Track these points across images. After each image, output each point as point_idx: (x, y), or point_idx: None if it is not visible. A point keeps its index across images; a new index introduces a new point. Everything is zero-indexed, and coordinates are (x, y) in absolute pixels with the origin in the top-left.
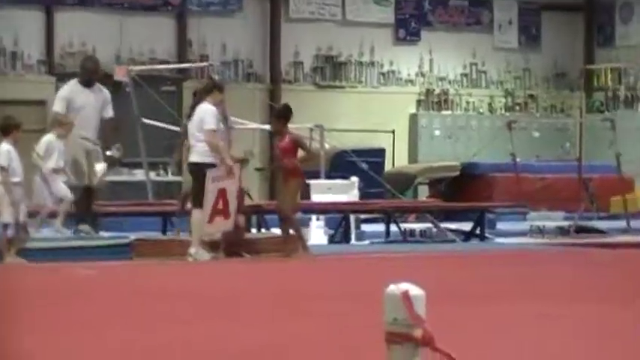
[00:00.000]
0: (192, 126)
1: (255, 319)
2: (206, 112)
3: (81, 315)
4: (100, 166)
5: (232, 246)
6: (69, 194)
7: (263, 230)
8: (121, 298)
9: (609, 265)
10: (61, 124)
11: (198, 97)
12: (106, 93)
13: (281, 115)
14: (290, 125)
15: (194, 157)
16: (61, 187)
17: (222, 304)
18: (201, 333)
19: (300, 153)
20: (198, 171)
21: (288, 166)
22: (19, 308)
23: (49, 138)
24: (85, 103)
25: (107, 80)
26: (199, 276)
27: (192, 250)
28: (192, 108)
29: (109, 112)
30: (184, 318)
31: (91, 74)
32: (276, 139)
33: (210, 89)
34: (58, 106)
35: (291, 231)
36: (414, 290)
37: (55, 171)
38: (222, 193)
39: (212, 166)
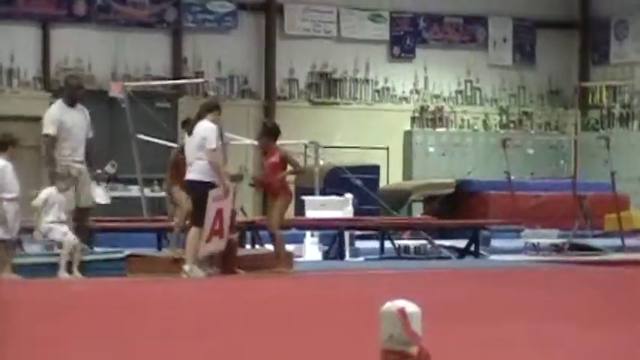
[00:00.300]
0: (192, 144)
1: (246, 336)
2: (208, 131)
3: (69, 330)
4: (100, 189)
5: (226, 262)
6: (72, 238)
7: (257, 246)
8: (112, 313)
9: (604, 283)
10: (62, 179)
11: (199, 114)
12: (87, 113)
13: (269, 132)
14: (285, 142)
15: (193, 175)
16: (62, 232)
17: (213, 321)
18: (190, 349)
19: (289, 168)
20: (198, 189)
21: (275, 184)
22: (10, 324)
23: (49, 192)
24: (73, 124)
25: (102, 96)
26: (192, 292)
27: (186, 267)
28: (192, 125)
29: (91, 132)
30: (174, 333)
31: (75, 90)
32: (264, 156)
33: (213, 107)
34: (50, 129)
35: (280, 247)
36: (410, 307)
37: (53, 222)
38: (219, 213)
39: (211, 184)
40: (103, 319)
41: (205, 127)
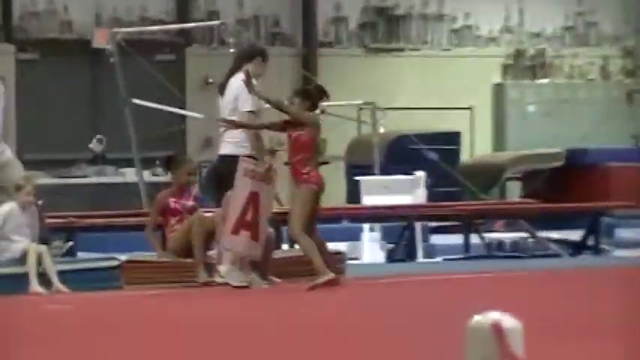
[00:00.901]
0: (223, 107)
1: None
2: (243, 89)
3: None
4: None
5: (258, 268)
6: (34, 245)
7: (297, 246)
8: (104, 344)
9: None
10: (19, 189)
11: (234, 66)
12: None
13: (306, 95)
14: (333, 103)
15: (226, 149)
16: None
17: (242, 343)
18: None
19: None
20: (230, 167)
21: (297, 167)
22: None
23: (9, 208)
24: None
25: (83, 47)
26: (222, 309)
27: (222, 267)
28: (224, 82)
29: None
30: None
31: None
32: (290, 128)
33: (251, 56)
34: None
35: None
36: (508, 322)
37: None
38: (253, 199)
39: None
40: (89, 348)
41: (240, 85)
